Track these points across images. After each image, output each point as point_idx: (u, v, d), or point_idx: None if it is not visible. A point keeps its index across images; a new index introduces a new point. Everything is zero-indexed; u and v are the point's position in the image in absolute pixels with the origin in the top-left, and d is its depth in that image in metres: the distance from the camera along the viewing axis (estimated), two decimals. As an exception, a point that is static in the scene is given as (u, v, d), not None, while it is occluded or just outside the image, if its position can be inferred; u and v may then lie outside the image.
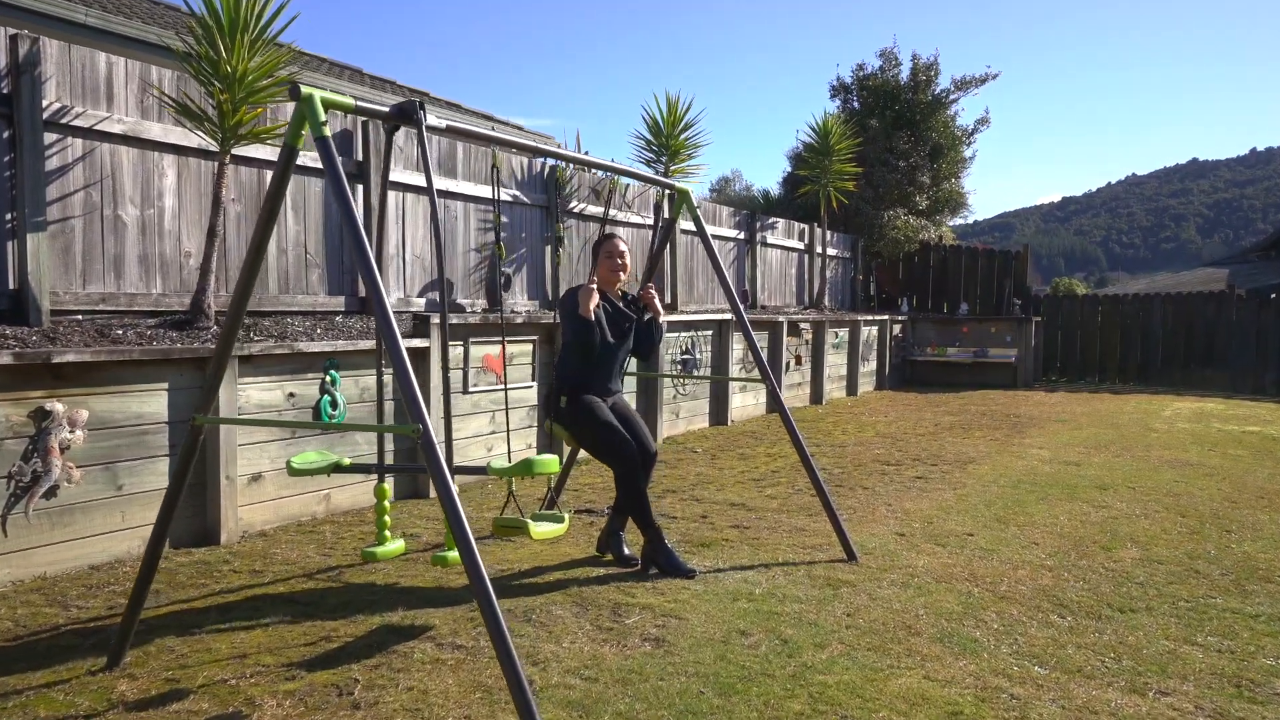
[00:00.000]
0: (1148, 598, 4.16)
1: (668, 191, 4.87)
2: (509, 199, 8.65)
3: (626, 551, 4.53)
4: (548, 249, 9.08)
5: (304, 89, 2.85)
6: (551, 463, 3.35)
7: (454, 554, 3.29)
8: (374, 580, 4.21)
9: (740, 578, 4.29)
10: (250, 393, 5.11)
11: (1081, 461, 7.75)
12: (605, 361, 4.47)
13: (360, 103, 3.04)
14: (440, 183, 7.85)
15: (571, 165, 11.39)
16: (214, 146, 5.60)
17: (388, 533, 3.56)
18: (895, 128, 17.59)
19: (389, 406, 5.62)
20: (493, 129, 13.21)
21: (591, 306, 4.29)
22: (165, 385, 4.70)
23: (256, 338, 5.44)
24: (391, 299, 7.50)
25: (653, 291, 4.62)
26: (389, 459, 4.72)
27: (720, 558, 4.64)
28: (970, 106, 64.26)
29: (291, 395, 5.35)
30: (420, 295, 7.83)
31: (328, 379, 5.55)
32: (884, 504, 6.00)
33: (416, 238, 7.77)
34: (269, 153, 6.38)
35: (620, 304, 4.58)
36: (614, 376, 4.57)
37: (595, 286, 4.35)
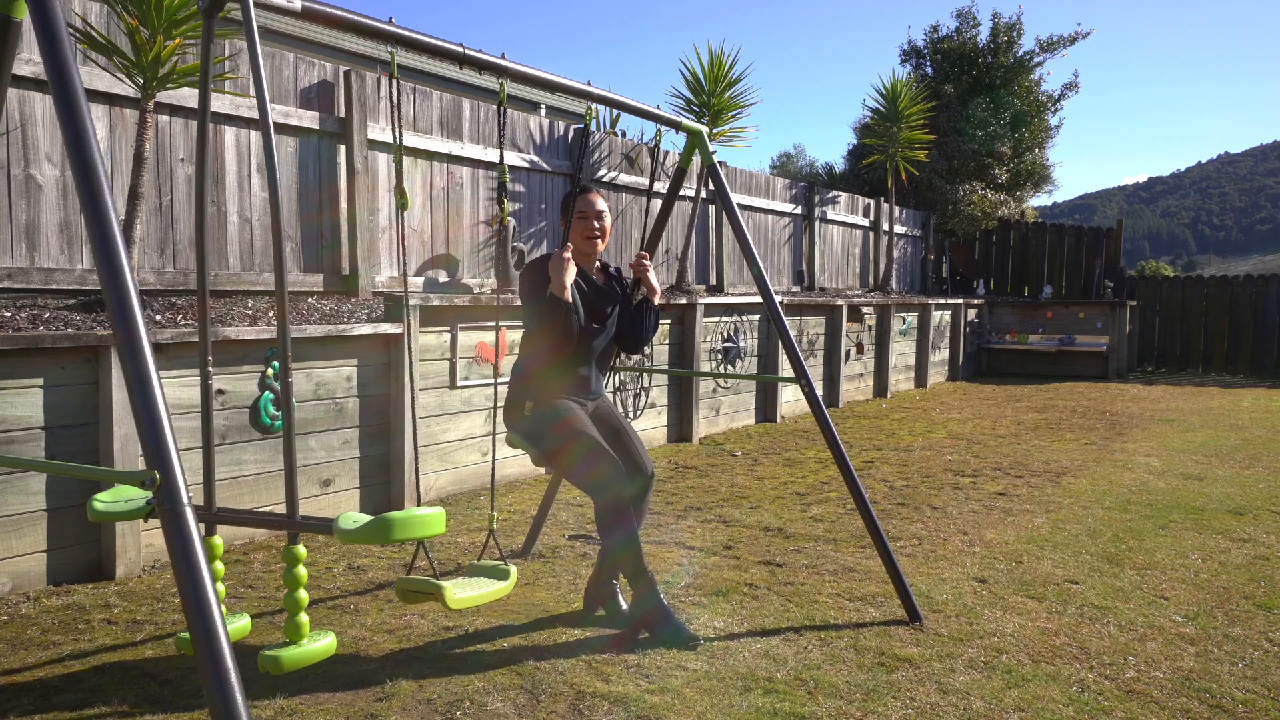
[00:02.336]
0: (1344, 696, 2.91)
1: (691, 153, 3.73)
2: (526, 165, 7.61)
3: (624, 607, 3.44)
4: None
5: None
6: (428, 522, 2.27)
7: (290, 652, 2.26)
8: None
9: (760, 649, 3.17)
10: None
11: (1203, 475, 6.38)
12: (581, 355, 3.37)
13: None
14: (443, 145, 6.86)
15: (599, 130, 10.24)
16: (132, 91, 4.65)
17: (223, 606, 2.53)
18: (972, 94, 16.04)
19: (313, 410, 4.61)
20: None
21: (567, 281, 3.20)
22: (40, 381, 3.76)
23: (184, 323, 4.48)
24: (383, 276, 6.53)
25: (646, 263, 3.49)
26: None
27: (738, 615, 3.52)
28: (1057, 70, 59.56)
29: (221, 392, 4.39)
30: (418, 274, 6.84)
31: (270, 372, 4.57)
32: (958, 532, 4.79)
33: (413, 207, 6.77)
34: (227, 105, 5.44)
35: (599, 279, 3.47)
36: (594, 375, 3.47)
37: (570, 255, 3.25)
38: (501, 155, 3.14)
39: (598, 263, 3.51)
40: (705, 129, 3.75)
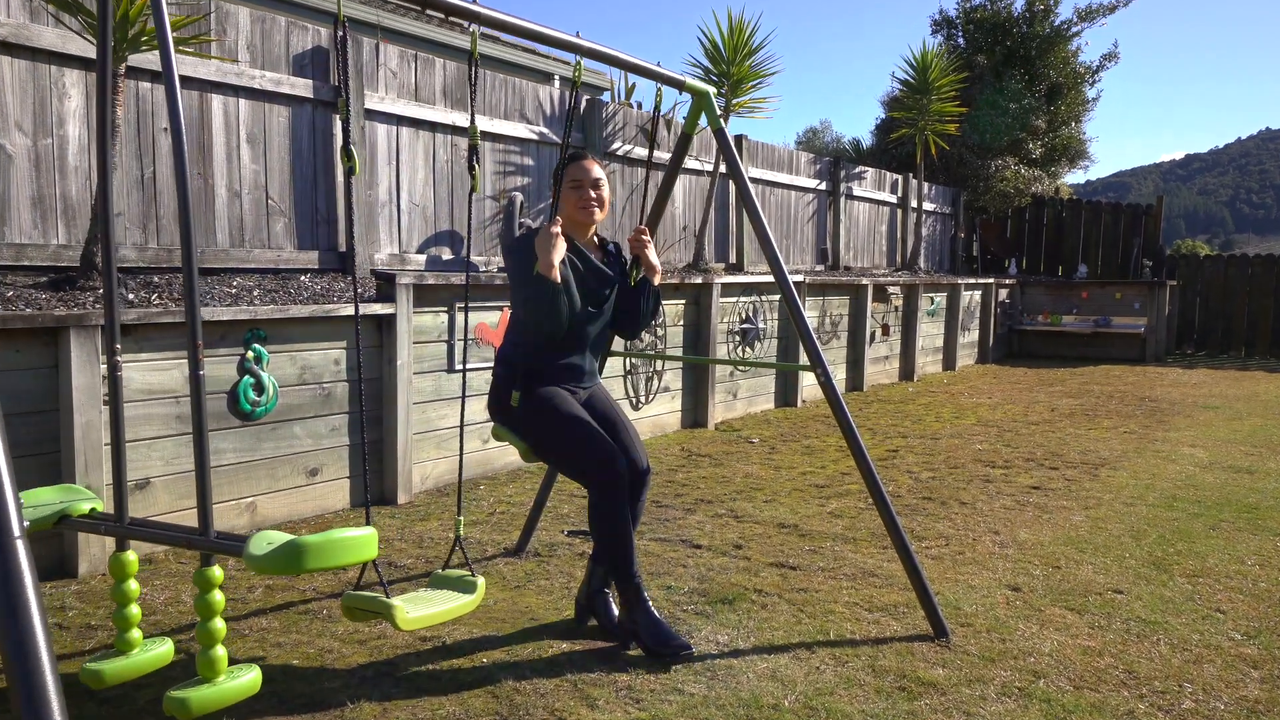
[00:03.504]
0: None
1: (706, 120, 3.34)
2: (535, 137, 7.27)
3: (618, 616, 3.12)
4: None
5: None
6: (351, 547, 1.94)
7: (202, 693, 1.96)
8: (236, 650, 2.92)
9: (767, 669, 2.84)
10: (130, 373, 3.87)
11: (1255, 468, 5.95)
12: (574, 340, 3.04)
13: None
14: (447, 116, 6.53)
15: (614, 101, 9.86)
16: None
17: (136, 631, 2.23)
18: (1006, 65, 15.45)
19: (298, 396, 4.25)
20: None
21: (556, 260, 2.86)
22: (-11, 365, 3.49)
23: (157, 302, 4.21)
24: (383, 253, 6.23)
25: (646, 238, 3.15)
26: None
27: (744, 627, 3.19)
28: (1095, 39, 57.65)
29: (195, 377, 4.10)
30: (420, 251, 6.54)
31: (250, 355, 4.29)
32: (989, 531, 4.43)
33: (415, 181, 6.46)
34: (213, 71, 5.14)
35: (594, 256, 3.13)
36: (588, 362, 3.14)
37: (559, 230, 2.91)
38: (472, 116, 2.81)
39: (595, 238, 3.17)
40: (712, 90, 3.39)
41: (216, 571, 2.02)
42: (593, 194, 3.02)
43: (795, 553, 4.04)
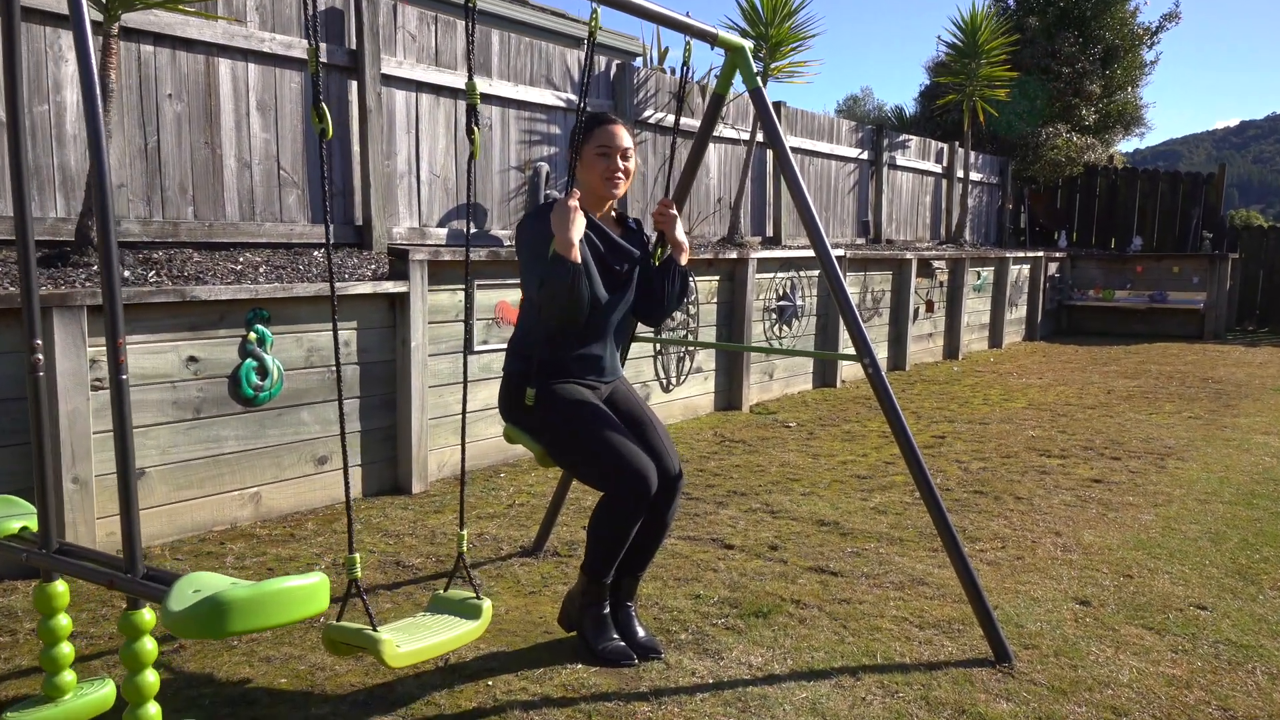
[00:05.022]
0: None
1: (723, 89, 2.95)
2: (562, 104, 6.91)
3: (641, 634, 2.81)
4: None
5: None
6: (295, 601, 1.62)
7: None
8: (218, 666, 2.66)
9: (805, 700, 2.52)
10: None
11: (1337, 460, 5.49)
12: (593, 328, 2.70)
13: None
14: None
15: (646, 66, 9.46)
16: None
17: (69, 674, 1.95)
18: (1059, 27, 14.71)
19: (305, 380, 3.93)
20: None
21: (575, 237, 2.52)
22: (-33, 350, 3.25)
23: (154, 279, 3.94)
24: (402, 227, 5.95)
25: (672, 212, 2.80)
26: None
27: (780, 646, 2.87)
28: None
29: (193, 360, 3.85)
30: (441, 224, 6.24)
31: (253, 336, 4.02)
32: (1049, 532, 4.05)
33: (435, 151, 6.15)
34: (220, 34, 4.85)
35: (615, 233, 2.78)
36: (609, 352, 2.80)
37: (577, 204, 2.56)
38: (470, 70, 2.47)
39: (614, 213, 2.82)
40: (749, 45, 3.02)
41: (146, 615, 1.73)
42: (621, 164, 2.67)
43: (836, 555, 3.70)
